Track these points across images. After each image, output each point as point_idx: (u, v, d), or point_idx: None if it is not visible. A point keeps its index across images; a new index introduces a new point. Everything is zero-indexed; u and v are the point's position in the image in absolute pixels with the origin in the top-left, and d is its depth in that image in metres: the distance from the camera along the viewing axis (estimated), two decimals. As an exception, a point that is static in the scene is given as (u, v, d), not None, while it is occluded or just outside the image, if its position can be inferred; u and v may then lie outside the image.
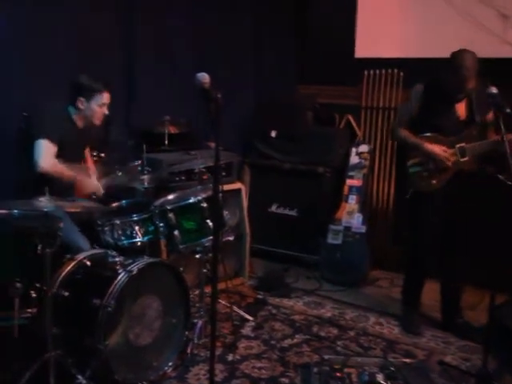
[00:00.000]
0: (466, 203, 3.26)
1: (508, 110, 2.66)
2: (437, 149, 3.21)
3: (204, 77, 2.22)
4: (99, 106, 3.01)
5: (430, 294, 3.56)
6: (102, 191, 3.05)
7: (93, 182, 3.05)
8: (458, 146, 3.21)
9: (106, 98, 3.02)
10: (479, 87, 3.12)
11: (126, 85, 3.97)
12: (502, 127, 2.67)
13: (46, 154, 2.84)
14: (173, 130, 3.89)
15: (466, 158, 3.21)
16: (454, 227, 3.31)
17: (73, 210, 2.75)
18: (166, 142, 3.86)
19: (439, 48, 3.30)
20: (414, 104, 3.31)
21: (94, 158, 3.40)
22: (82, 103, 2.98)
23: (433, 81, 3.29)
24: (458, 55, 3.13)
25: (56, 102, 3.04)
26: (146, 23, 3.98)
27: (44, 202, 2.46)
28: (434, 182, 3.26)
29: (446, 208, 3.27)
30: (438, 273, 3.48)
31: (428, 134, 3.25)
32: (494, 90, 2.71)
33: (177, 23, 4.19)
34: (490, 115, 3.17)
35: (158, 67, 4.10)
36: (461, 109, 3.24)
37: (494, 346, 2.92)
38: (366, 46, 4.72)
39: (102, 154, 3.48)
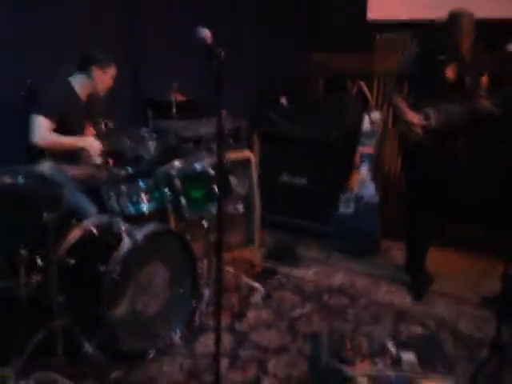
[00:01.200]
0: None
1: None
2: (410, 113, 3.24)
3: (205, 31, 2.08)
4: (110, 77, 3.15)
5: (446, 264, 3.49)
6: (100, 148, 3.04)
7: (92, 140, 3.06)
8: (426, 109, 3.20)
9: (115, 71, 3.17)
10: (472, 50, 3.08)
11: (133, 52, 3.92)
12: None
13: (39, 130, 2.89)
14: (180, 97, 3.82)
15: (432, 122, 3.19)
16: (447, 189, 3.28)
17: (76, 175, 2.71)
18: (174, 110, 3.78)
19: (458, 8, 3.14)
20: (405, 65, 3.34)
21: (101, 126, 3.36)
22: (96, 72, 3.09)
23: (425, 42, 3.25)
24: (454, 16, 3.05)
25: (59, 79, 3.11)
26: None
27: (46, 167, 2.41)
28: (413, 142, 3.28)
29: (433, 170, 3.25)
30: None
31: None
32: None
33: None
34: (484, 79, 3.12)
35: (167, 32, 4.01)
36: (450, 71, 3.15)
37: (509, 316, 2.85)
38: (379, 8, 4.55)
39: (108, 122, 3.43)
